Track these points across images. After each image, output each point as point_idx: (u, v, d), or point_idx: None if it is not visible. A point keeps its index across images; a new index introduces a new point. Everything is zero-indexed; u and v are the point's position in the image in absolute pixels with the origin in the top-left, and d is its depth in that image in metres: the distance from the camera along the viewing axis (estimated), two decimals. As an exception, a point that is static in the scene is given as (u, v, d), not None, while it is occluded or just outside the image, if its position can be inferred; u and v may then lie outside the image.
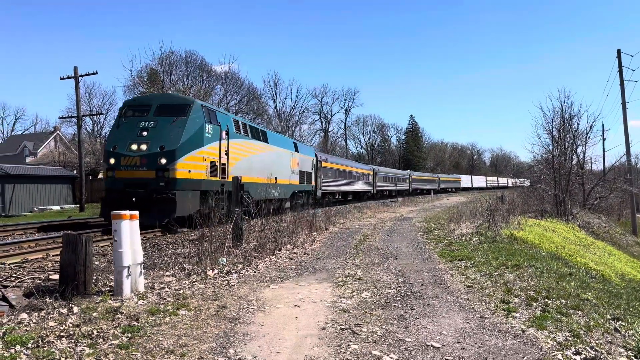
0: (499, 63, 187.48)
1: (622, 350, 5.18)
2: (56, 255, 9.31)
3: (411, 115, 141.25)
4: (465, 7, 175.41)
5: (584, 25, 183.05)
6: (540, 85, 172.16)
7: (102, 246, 11.95)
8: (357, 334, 5.21)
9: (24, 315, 5.56)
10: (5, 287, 6.64)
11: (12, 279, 7.20)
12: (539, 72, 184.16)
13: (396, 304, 6.57)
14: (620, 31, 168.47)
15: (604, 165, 42.92)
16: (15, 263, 8.95)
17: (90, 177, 42.86)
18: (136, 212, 6.99)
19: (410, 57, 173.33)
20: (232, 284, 7.75)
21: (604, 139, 44.83)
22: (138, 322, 5.42)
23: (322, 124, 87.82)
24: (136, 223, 6.97)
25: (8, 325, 5.22)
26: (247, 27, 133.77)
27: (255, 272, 8.87)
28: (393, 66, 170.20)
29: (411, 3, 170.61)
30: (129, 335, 4.98)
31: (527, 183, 46.25)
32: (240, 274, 8.53)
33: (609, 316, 6.39)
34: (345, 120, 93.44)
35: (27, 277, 7.28)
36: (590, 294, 7.90)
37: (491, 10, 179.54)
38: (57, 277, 6.96)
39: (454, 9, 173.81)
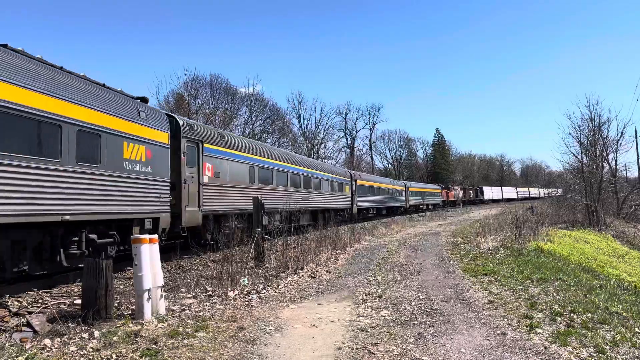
0: (522, 69, 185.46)
1: (649, 365, 4.99)
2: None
3: (437, 129, 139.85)
4: (485, 12, 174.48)
5: (608, 23, 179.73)
6: (565, 88, 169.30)
7: (129, 269, 12.14)
8: (374, 354, 5.16)
9: (47, 341, 5.69)
10: (30, 312, 6.82)
11: (38, 304, 7.38)
12: (564, 73, 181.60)
13: (415, 322, 6.49)
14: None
15: (639, 172, 41.71)
16: (43, 289, 9.18)
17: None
18: (155, 236, 7.11)
19: (433, 70, 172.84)
20: (252, 304, 7.78)
21: (637, 145, 43.62)
22: (156, 345, 5.48)
23: (347, 141, 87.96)
24: (156, 246, 7.08)
25: (31, 350, 5.35)
26: (270, 49, 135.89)
27: (275, 292, 8.89)
28: (416, 80, 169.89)
29: (432, 16, 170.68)
30: (147, 358, 5.06)
31: (560, 192, 45.17)
32: (261, 294, 8.56)
33: (637, 329, 6.16)
34: (371, 136, 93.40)
35: (52, 303, 7.45)
36: (620, 306, 7.63)
37: (511, 12, 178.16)
38: (81, 301, 7.10)
39: (474, 18, 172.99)
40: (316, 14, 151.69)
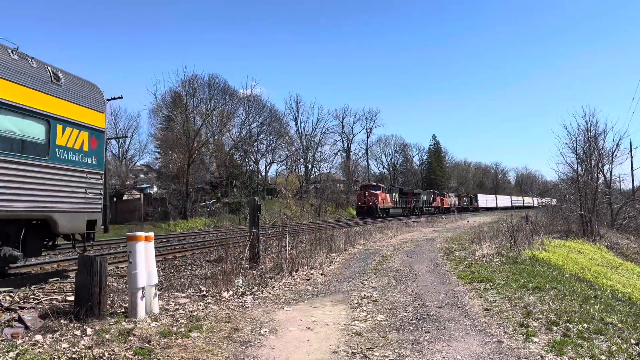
0: (520, 80, 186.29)
1: (646, 377, 4.97)
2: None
3: (433, 135, 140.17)
4: (484, 22, 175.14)
5: (606, 36, 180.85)
6: (562, 99, 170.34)
7: (122, 267, 12.06)
8: (369, 358, 5.11)
9: (38, 337, 5.61)
10: (22, 308, 6.74)
11: (30, 300, 7.29)
12: (561, 84, 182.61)
13: (411, 327, 6.45)
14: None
15: (632, 184, 41.88)
16: (35, 285, 9.09)
17: (115, 199, 43.61)
18: (151, 234, 7.05)
19: (430, 77, 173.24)
20: (247, 305, 7.72)
21: (632, 157, 43.78)
22: (150, 345, 5.42)
23: (343, 145, 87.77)
24: (151, 244, 7.01)
25: (22, 346, 5.27)
26: (269, 51, 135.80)
27: (270, 293, 8.83)
28: (414, 86, 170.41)
29: (431, 22, 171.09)
30: (140, 357, 4.99)
31: (554, 202, 45.27)
32: (255, 296, 8.50)
33: (632, 340, 6.14)
34: (367, 140, 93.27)
35: (44, 298, 7.36)
36: (615, 317, 7.62)
37: (509, 24, 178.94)
38: (73, 298, 7.02)
39: (473, 28, 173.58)
40: (316, 18, 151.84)
